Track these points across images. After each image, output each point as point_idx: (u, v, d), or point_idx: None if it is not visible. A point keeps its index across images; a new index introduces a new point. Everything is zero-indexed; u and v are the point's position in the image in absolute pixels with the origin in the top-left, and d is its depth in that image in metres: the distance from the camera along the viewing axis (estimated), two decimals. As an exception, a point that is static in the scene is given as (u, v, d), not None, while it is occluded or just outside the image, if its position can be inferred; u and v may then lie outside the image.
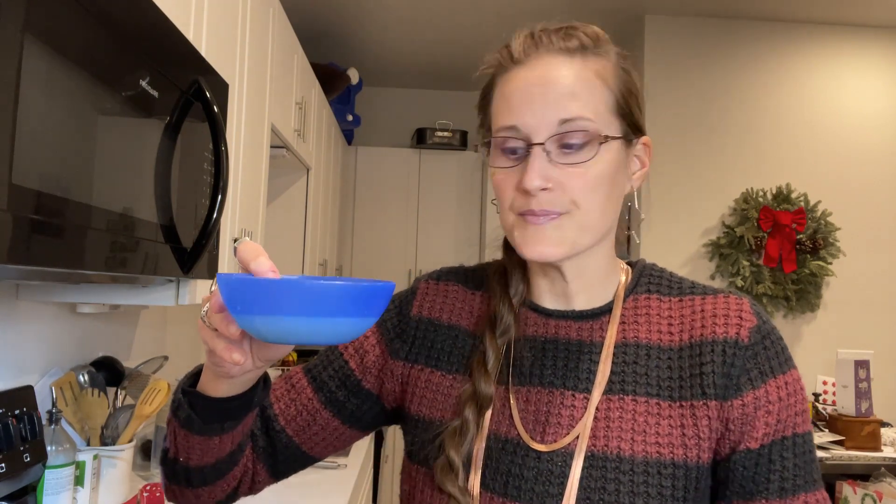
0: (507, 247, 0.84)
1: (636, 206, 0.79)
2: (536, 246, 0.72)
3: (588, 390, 0.74)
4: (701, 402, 0.72)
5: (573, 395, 0.74)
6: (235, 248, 0.62)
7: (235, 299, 0.53)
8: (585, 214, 0.71)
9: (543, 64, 0.72)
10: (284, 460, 0.85)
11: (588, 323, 0.77)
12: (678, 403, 0.72)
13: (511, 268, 0.82)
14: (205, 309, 0.61)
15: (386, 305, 0.57)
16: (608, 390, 0.74)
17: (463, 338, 0.81)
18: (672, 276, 0.81)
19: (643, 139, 0.77)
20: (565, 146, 0.70)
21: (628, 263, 0.83)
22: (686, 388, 0.73)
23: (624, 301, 0.78)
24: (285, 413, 0.84)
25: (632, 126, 0.75)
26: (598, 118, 0.71)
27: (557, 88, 0.70)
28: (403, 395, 0.83)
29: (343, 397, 0.84)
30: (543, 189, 0.70)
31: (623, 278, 0.80)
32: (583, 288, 0.78)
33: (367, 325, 0.55)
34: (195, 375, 0.71)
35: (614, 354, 0.75)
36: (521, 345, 0.78)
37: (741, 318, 0.74)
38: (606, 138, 0.71)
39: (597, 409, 0.73)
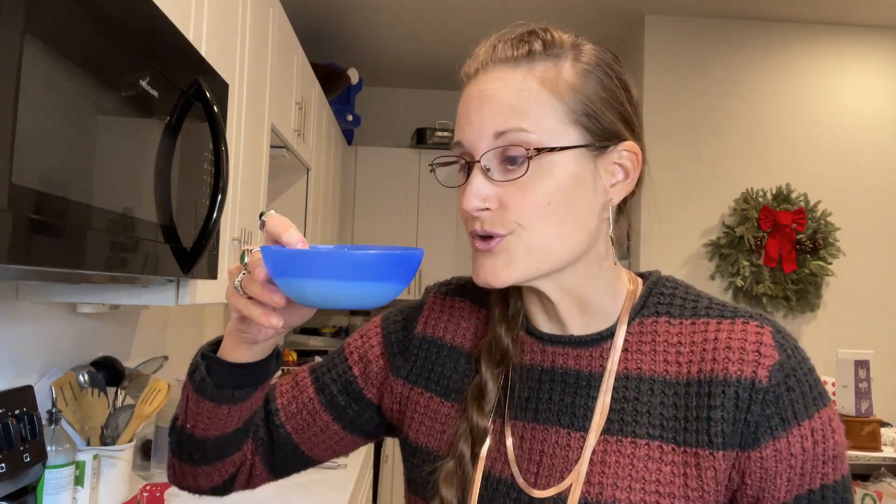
0: None
1: (611, 218, 0.70)
2: (480, 272, 0.68)
3: (585, 429, 0.69)
4: (706, 452, 0.65)
5: (569, 434, 0.69)
6: (263, 221, 0.63)
7: (286, 266, 0.59)
8: (532, 235, 0.66)
9: (486, 78, 0.68)
10: (282, 457, 0.84)
11: (587, 350, 0.71)
12: (682, 449, 0.66)
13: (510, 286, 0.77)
14: (239, 279, 0.64)
15: (415, 273, 0.62)
16: (606, 430, 0.68)
17: (465, 362, 0.78)
18: (688, 293, 0.73)
19: (624, 145, 0.69)
20: (507, 161, 0.65)
21: (640, 276, 0.76)
22: (691, 431, 0.66)
23: (629, 324, 0.71)
24: (287, 409, 0.84)
25: (602, 133, 0.67)
26: (541, 129, 0.65)
27: (493, 101, 0.66)
28: (402, 417, 0.81)
29: (344, 402, 0.83)
30: (485, 210, 0.66)
31: (630, 289, 0.73)
32: (575, 311, 0.72)
33: (399, 290, 0.62)
34: (216, 343, 0.74)
35: (614, 388, 0.69)
36: (517, 374, 0.74)
37: (760, 352, 0.65)
38: (539, 150, 0.64)
39: (593, 451, 0.68)
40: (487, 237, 0.67)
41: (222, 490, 0.83)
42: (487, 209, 0.66)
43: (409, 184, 4.61)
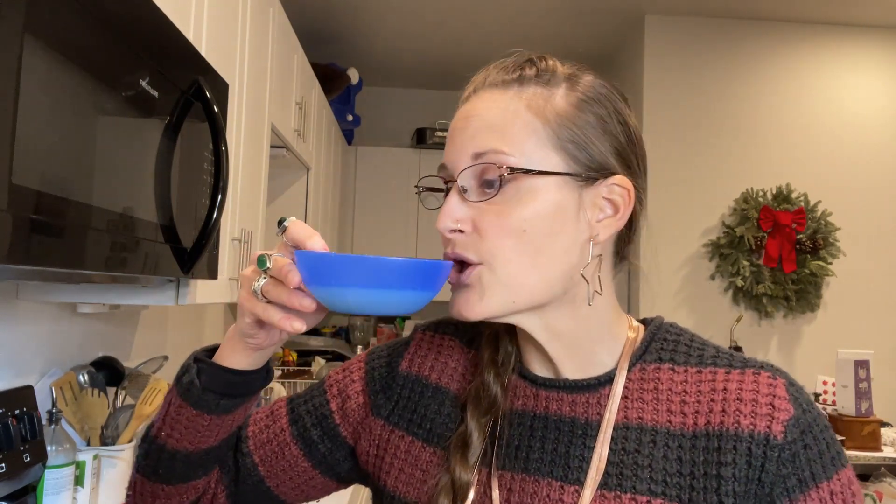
0: None
1: (589, 255, 0.65)
2: (455, 304, 0.65)
3: (580, 482, 0.64)
4: None
5: (562, 488, 0.64)
6: (285, 227, 0.62)
7: (328, 273, 0.58)
8: (506, 267, 0.62)
9: (476, 99, 0.67)
10: (246, 491, 0.78)
11: (583, 396, 0.66)
12: None
13: (501, 327, 0.73)
14: (259, 283, 0.62)
15: (443, 282, 0.62)
16: (603, 484, 0.63)
17: (450, 405, 0.73)
18: (693, 341, 0.68)
19: (615, 179, 0.64)
20: (485, 184, 0.63)
21: (642, 322, 0.72)
22: (698, 489, 0.60)
23: (629, 370, 0.67)
24: (257, 437, 0.79)
25: (590, 164, 0.64)
26: (520, 152, 0.62)
27: (476, 122, 0.65)
28: (379, 462, 0.75)
29: (317, 437, 0.78)
30: (458, 231, 0.64)
31: (631, 336, 0.69)
32: (566, 353, 0.67)
33: (431, 298, 0.61)
34: (210, 350, 0.72)
35: (613, 439, 0.64)
36: (507, 420, 0.69)
37: (773, 405, 0.61)
38: (513, 170, 0.62)
39: None
40: (461, 265, 0.64)
41: None
42: (461, 231, 0.64)
43: (409, 184, 4.61)
